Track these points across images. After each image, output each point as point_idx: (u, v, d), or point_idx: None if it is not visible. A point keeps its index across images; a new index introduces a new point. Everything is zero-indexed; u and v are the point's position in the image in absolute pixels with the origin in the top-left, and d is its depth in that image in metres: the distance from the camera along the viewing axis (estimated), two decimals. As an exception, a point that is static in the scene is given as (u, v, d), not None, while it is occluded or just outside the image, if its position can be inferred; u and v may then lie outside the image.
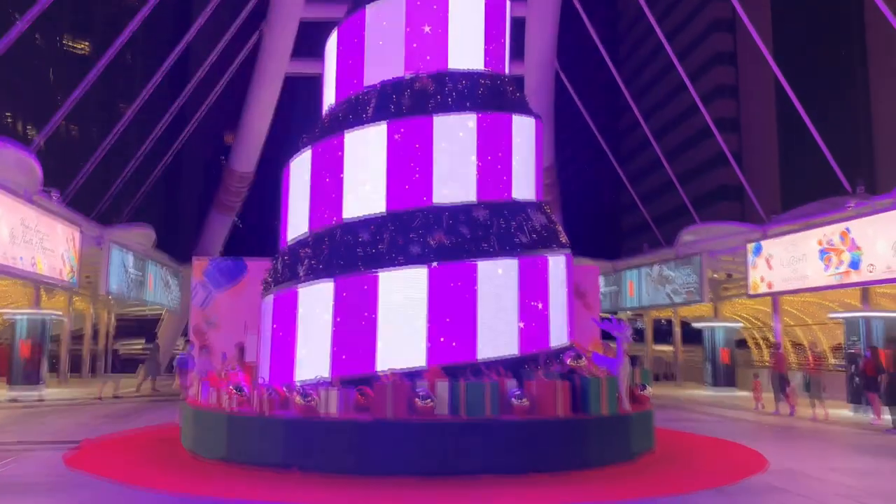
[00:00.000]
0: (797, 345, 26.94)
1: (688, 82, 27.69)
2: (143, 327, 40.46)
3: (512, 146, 11.51)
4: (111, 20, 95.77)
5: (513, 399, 9.47)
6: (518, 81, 26.48)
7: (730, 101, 61.29)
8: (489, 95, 11.66)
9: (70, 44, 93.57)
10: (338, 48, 12.64)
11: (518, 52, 26.96)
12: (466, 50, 11.90)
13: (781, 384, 18.45)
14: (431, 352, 10.25)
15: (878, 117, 50.31)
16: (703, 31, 63.02)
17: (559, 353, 10.82)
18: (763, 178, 54.57)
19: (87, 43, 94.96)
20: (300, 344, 10.86)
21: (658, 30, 27.74)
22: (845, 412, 18.22)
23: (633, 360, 15.37)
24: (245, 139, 31.21)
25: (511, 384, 9.80)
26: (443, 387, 9.50)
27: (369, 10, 12.04)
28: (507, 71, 12.72)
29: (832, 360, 24.75)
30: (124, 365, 36.91)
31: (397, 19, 11.81)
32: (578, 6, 27.26)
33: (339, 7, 23.54)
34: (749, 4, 46.41)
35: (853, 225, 17.67)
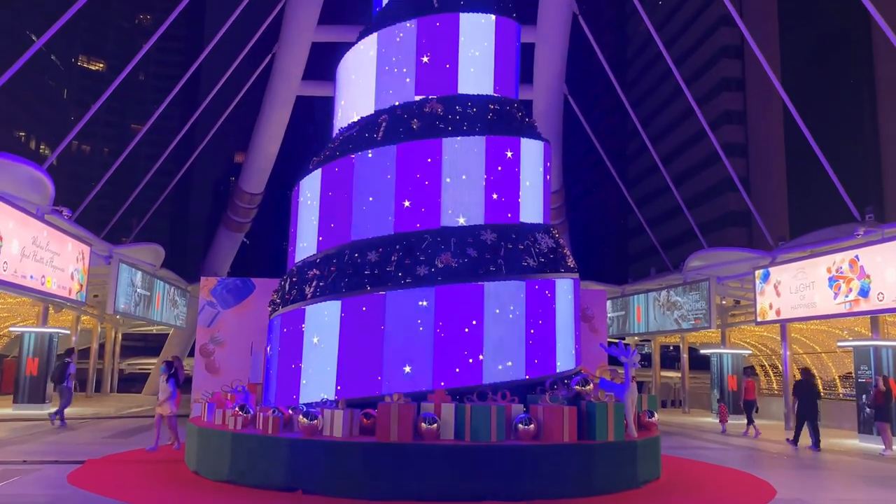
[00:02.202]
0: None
1: (696, 107, 27.77)
2: (150, 345, 40.53)
3: (520, 169, 11.56)
4: (125, 40, 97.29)
5: (519, 424, 9.41)
6: (527, 105, 26.65)
7: (738, 127, 61.48)
8: (498, 119, 11.74)
9: (85, 63, 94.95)
10: (350, 70, 12.78)
11: (527, 77, 27.17)
12: (476, 74, 12.01)
13: (748, 410, 20.27)
14: (437, 374, 10.23)
15: (886, 144, 50.29)
16: (711, 57, 63.37)
17: (566, 378, 10.77)
18: (771, 203, 54.52)
19: (102, 63, 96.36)
20: (306, 364, 10.85)
21: (666, 55, 27.90)
22: (854, 442, 18.01)
23: (640, 386, 15.36)
24: (255, 160, 31.41)
25: (517, 408, 9.74)
26: (448, 410, 9.46)
27: (381, 33, 12.20)
28: (516, 95, 12.82)
29: (841, 389, 24.50)
30: (129, 383, 36.93)
31: (408, 43, 11.95)
32: (587, 31, 27.47)
33: (351, 30, 23.83)
34: (757, 31, 46.72)
35: (862, 253, 17.59)
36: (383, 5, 12.99)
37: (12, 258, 15.88)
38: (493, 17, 12.21)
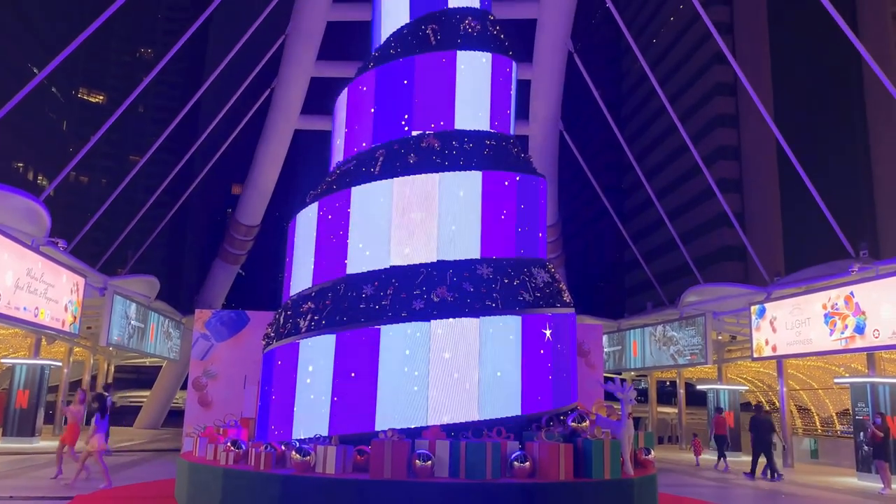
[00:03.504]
0: (803, 409, 26.55)
1: (690, 143, 28.05)
2: (142, 378, 40.14)
3: (516, 204, 11.61)
4: (126, 73, 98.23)
5: (514, 461, 9.30)
6: (523, 141, 26.89)
7: (732, 163, 62.01)
8: (494, 154, 11.82)
9: (85, 96, 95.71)
10: (347, 106, 12.90)
11: (523, 112, 27.47)
12: (473, 110, 12.13)
13: (720, 444, 21.01)
14: (433, 410, 10.13)
15: (878, 180, 50.74)
16: (705, 94, 64.19)
17: (562, 415, 10.68)
18: (766, 238, 54.76)
19: (102, 95, 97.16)
20: (299, 399, 10.75)
21: (661, 92, 28.25)
22: (853, 480, 17.83)
23: (637, 423, 15.37)
24: (252, 193, 31.52)
25: (513, 446, 9.63)
26: (443, 447, 9.35)
27: (379, 70, 12.35)
28: (512, 131, 12.94)
29: (839, 426, 24.33)
30: (120, 416, 36.47)
31: (406, 79, 12.08)
32: (582, 69, 27.85)
33: (349, 66, 24.13)
34: (750, 69, 47.39)
35: (857, 289, 17.62)
36: (381, 42, 13.18)
37: (6, 290, 15.80)
38: (489, 54, 12.38)
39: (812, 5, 21.85)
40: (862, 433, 18.02)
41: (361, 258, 11.18)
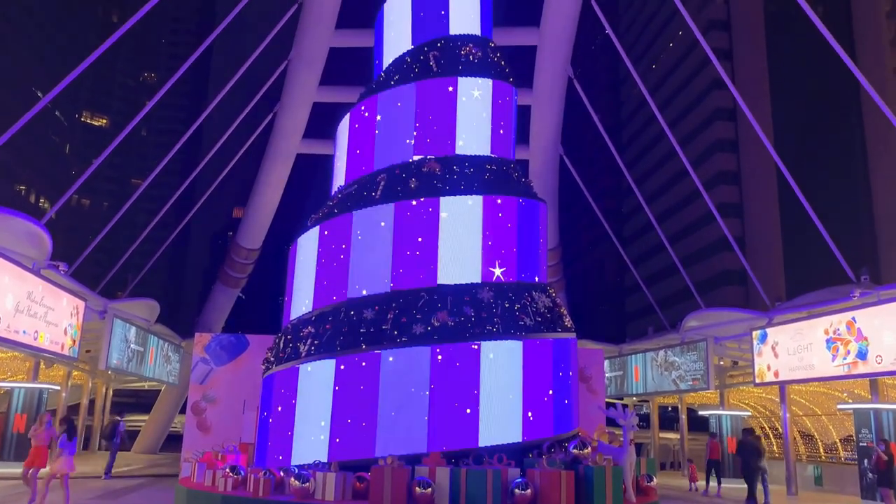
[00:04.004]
0: (806, 435, 26.33)
1: (690, 168, 28.14)
2: (141, 402, 39.90)
3: (517, 228, 11.63)
4: (129, 97, 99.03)
5: (515, 489, 9.21)
6: (523, 165, 27.00)
7: (732, 187, 62.16)
8: (495, 179, 11.88)
9: (88, 119, 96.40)
10: (349, 130, 13.00)
11: (523, 137, 27.62)
12: (474, 135, 12.21)
13: (710, 468, 21.25)
14: (432, 436, 10.05)
15: (878, 205, 50.85)
16: (705, 120, 64.56)
17: (564, 441, 10.59)
18: (767, 263, 54.74)
19: (105, 119, 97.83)
20: (298, 424, 10.68)
21: (660, 117, 28.42)
22: (858, 508, 17.63)
23: (639, 448, 15.27)
24: (254, 216, 31.59)
25: (514, 473, 9.55)
26: (443, 474, 9.27)
27: (381, 96, 12.46)
28: (513, 156, 13.01)
29: (843, 453, 24.11)
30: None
31: (408, 105, 12.18)
32: (582, 94, 28.05)
33: (352, 91, 24.32)
34: (749, 94, 47.71)
35: (859, 315, 17.56)
36: (384, 68, 13.30)
37: (6, 313, 15.76)
38: (490, 81, 12.50)
39: (810, 31, 22.06)
40: (866, 460, 17.84)
41: (362, 282, 11.18)
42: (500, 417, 10.32)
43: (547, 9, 25.61)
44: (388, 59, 13.32)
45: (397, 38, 13.26)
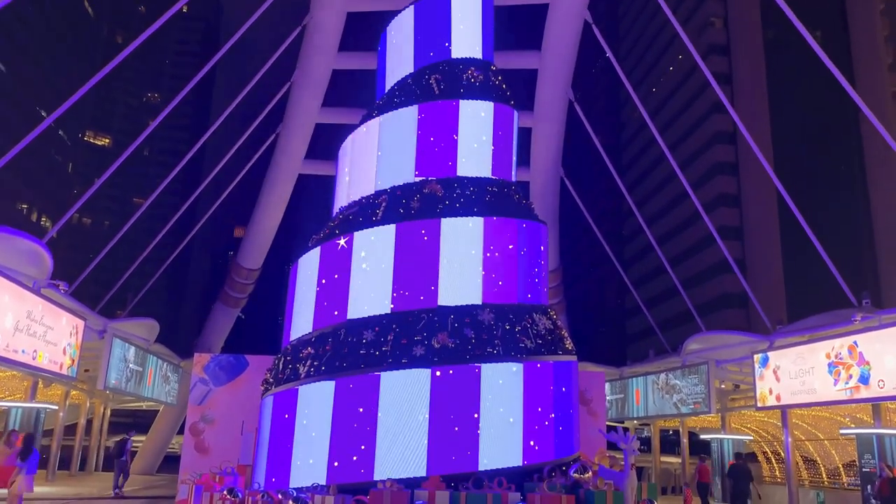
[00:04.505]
0: (809, 460, 26.11)
1: (690, 191, 28.21)
2: (138, 422, 39.62)
3: (518, 250, 11.64)
4: (133, 116, 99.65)
5: (515, 513, 9.13)
6: (524, 187, 27.06)
7: (732, 210, 62.28)
8: (496, 201, 11.91)
9: (91, 139, 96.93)
10: (351, 152, 13.06)
11: (524, 159, 27.72)
12: (475, 157, 12.27)
13: (702, 492, 21.18)
14: (432, 460, 9.98)
15: (879, 228, 50.93)
16: (705, 143, 64.87)
17: (564, 465, 10.51)
18: (767, 285, 54.67)
19: (108, 138, 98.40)
20: (297, 446, 10.60)
21: (660, 140, 28.54)
22: (862, 534, 17.43)
23: (639, 473, 15.16)
24: (255, 236, 31.62)
25: (514, 497, 9.47)
26: (442, 498, 9.20)
27: (384, 117, 12.54)
28: (514, 178, 13.06)
29: (846, 478, 23.91)
30: (113, 462, 35.86)
31: (410, 127, 12.26)
32: (583, 117, 28.22)
33: (354, 113, 24.47)
34: (749, 117, 47.99)
35: (861, 339, 17.48)
36: (386, 90, 13.40)
37: (5, 332, 15.72)
38: (491, 103, 12.59)
39: (809, 55, 22.22)
40: (869, 486, 17.67)
41: (362, 303, 11.16)
42: (501, 440, 10.25)
43: (548, 33, 25.87)
44: (390, 81, 13.43)
45: (400, 60, 13.38)
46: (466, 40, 13.24)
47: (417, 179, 12.01)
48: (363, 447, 10.11)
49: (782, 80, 59.34)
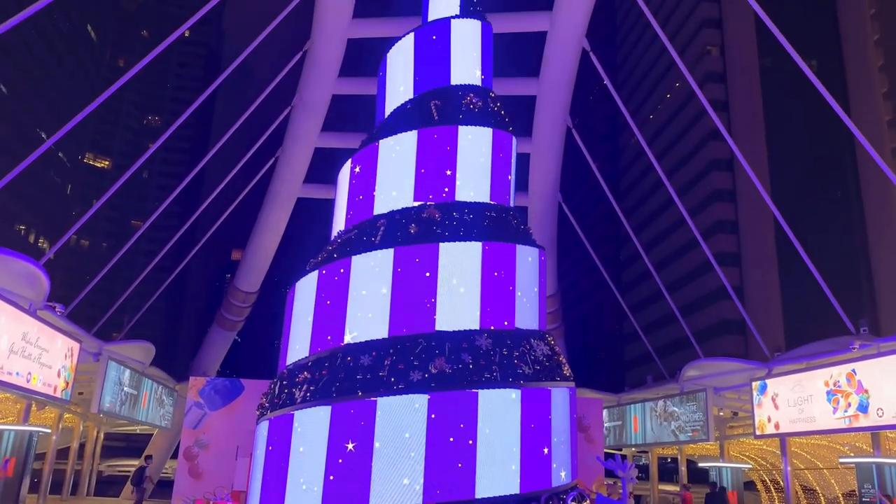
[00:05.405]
0: (808, 489, 25.89)
1: (688, 217, 28.29)
2: (132, 445, 39.24)
3: (516, 275, 11.63)
4: (132, 139, 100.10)
5: (512, 542, 9.00)
6: (522, 212, 27.14)
7: (730, 236, 62.39)
8: (494, 226, 11.93)
9: (91, 161, 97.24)
10: (350, 176, 13.10)
11: (522, 184, 27.84)
12: (473, 183, 12.31)
13: None
14: (428, 487, 9.86)
15: (876, 256, 51.05)
16: (702, 169, 65.20)
17: (562, 493, 10.40)
18: (765, 313, 54.60)
19: (107, 161, 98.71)
20: (292, 473, 10.48)
21: (658, 167, 28.69)
22: (863, 566, 17.21)
23: (638, 501, 14.99)
24: (252, 259, 31.59)
25: (511, 525, 9.35)
26: (439, 525, 9.07)
27: (383, 142, 12.59)
28: (512, 203, 13.09)
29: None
30: (107, 486, 35.47)
31: (409, 152, 12.31)
32: (581, 144, 28.39)
33: (353, 137, 24.60)
34: (746, 144, 48.32)
35: (859, 367, 17.42)
36: (386, 115, 13.48)
37: (0, 354, 15.62)
38: (490, 129, 12.66)
39: (805, 83, 22.42)
40: (870, 516, 17.50)
41: (360, 328, 11.11)
42: (498, 467, 10.15)
43: (546, 60, 26.11)
44: (390, 106, 13.52)
45: (400, 86, 13.48)
46: (466, 67, 13.36)
47: (416, 204, 12.03)
48: (359, 474, 10.00)
49: (779, 108, 59.90)
